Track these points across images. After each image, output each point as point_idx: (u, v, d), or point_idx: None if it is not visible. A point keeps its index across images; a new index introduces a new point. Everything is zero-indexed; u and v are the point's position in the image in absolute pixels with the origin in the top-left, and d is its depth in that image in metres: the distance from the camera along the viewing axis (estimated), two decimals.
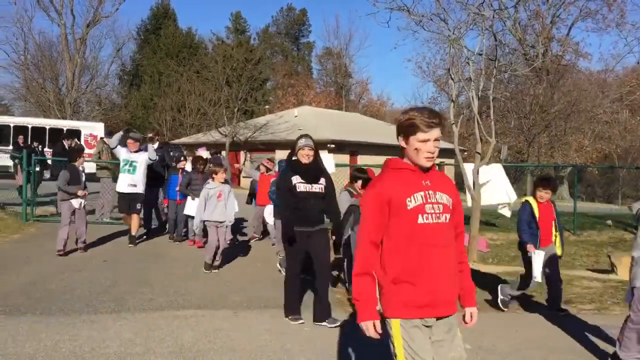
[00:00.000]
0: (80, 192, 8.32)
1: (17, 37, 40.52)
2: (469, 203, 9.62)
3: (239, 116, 33.27)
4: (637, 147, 35.38)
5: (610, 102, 29.86)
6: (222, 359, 4.52)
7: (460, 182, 12.10)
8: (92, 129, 26.22)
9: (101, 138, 13.66)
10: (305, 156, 5.47)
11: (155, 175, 10.08)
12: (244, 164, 25.60)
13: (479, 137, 9.66)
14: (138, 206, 9.18)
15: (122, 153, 9.28)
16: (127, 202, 9.22)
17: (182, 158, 10.22)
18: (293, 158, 5.56)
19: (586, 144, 30.59)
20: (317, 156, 5.54)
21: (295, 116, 33.99)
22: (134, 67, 50.50)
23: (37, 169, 12.64)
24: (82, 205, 8.41)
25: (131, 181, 9.06)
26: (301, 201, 5.39)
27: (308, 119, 33.26)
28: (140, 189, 9.19)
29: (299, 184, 5.42)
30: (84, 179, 8.56)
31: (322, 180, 5.58)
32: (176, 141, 31.61)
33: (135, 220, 9.25)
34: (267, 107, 42.76)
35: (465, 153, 28.15)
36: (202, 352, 4.62)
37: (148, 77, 46.17)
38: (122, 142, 9.36)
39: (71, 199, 8.30)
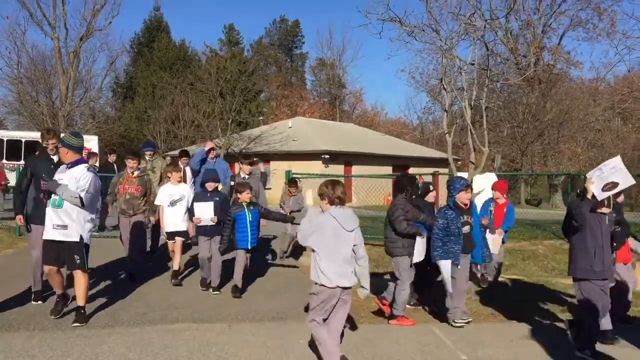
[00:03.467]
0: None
1: (10, 50, 40.24)
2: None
3: (233, 128, 33.26)
4: (629, 154, 35.55)
5: (602, 110, 30.06)
6: None
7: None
8: (86, 142, 26.08)
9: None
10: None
11: None
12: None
13: (472, 147, 9.70)
14: (77, 260, 5.63)
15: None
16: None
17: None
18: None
19: (579, 152, 30.75)
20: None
21: (290, 127, 34.03)
22: (127, 80, 50.46)
23: None
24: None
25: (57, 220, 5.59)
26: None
27: (302, 130, 33.30)
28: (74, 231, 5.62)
29: None
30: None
31: None
32: (170, 153, 31.59)
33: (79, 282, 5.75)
34: (261, 118, 42.78)
35: (459, 162, 28.24)
36: None
37: (142, 90, 46.14)
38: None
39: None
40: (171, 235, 7.83)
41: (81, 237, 5.61)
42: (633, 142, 33.03)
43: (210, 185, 7.37)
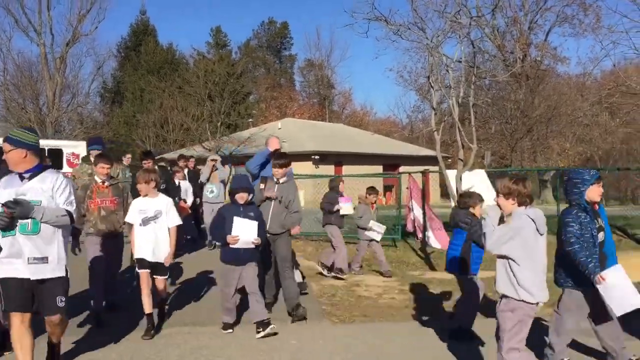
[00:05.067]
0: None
1: None
2: None
3: (222, 130, 33.22)
4: (618, 148, 35.81)
5: (589, 105, 30.22)
6: None
7: (445, 189, 12.12)
8: (74, 147, 25.94)
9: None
10: None
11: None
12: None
13: (461, 144, 9.73)
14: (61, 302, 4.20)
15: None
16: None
17: None
18: None
19: (568, 147, 30.91)
20: None
21: (279, 128, 34.00)
22: (115, 84, 50.23)
23: None
24: None
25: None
26: None
27: (292, 131, 33.28)
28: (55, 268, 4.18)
29: None
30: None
31: None
32: (160, 156, 31.47)
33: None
34: (250, 120, 42.73)
35: (449, 160, 28.33)
36: None
37: (130, 94, 45.96)
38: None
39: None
40: (143, 264, 5.68)
41: (66, 270, 4.15)
42: (621, 136, 33.23)
43: (241, 197, 5.69)
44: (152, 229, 5.65)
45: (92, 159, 6.92)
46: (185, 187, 10.38)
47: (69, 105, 40.66)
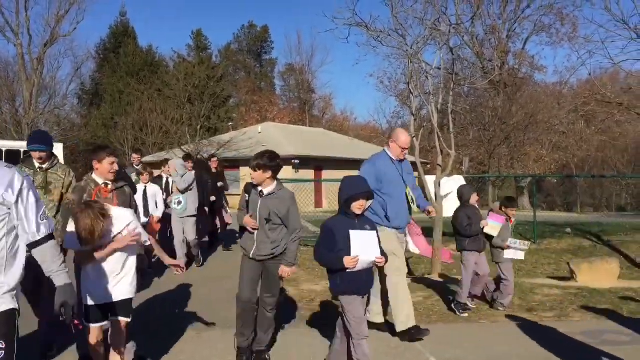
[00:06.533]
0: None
1: None
2: (432, 214, 9.72)
3: (202, 134, 33.08)
4: (593, 156, 36.42)
5: (566, 113, 30.73)
6: None
7: (423, 194, 12.17)
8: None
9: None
10: None
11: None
12: None
13: (440, 150, 9.80)
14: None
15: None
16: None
17: None
18: None
19: (544, 154, 31.37)
20: None
21: (259, 132, 33.97)
22: (93, 86, 49.74)
23: None
24: None
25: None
26: None
27: (272, 135, 33.26)
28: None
29: None
30: None
31: None
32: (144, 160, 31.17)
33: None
34: (230, 124, 42.62)
35: (428, 166, 28.53)
36: None
37: (108, 96, 45.54)
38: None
39: None
40: (96, 311, 3.97)
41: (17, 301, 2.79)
42: (596, 144, 33.83)
43: (361, 206, 4.16)
44: (118, 258, 3.97)
45: (35, 162, 5.05)
46: (153, 192, 9.00)
47: (46, 107, 40.18)
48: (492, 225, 6.98)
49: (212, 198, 10.58)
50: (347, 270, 4.05)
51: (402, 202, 5.77)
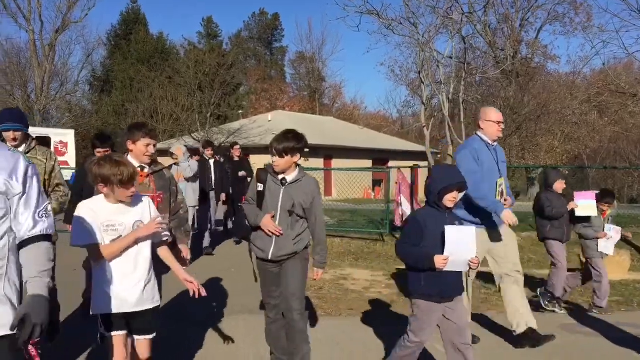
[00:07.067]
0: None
1: None
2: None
3: (212, 121, 33.08)
4: (605, 147, 36.10)
5: (579, 104, 30.43)
6: None
7: None
8: (62, 136, 25.79)
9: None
10: None
11: None
12: None
13: (450, 140, 9.76)
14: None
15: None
16: None
17: None
18: None
19: (556, 145, 31.12)
20: None
21: (269, 121, 33.92)
22: (104, 73, 49.82)
23: None
24: None
25: None
26: None
27: (282, 124, 33.12)
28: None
29: None
30: None
31: None
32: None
33: None
34: (240, 112, 42.59)
35: (438, 155, 28.41)
36: None
37: (119, 83, 45.62)
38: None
39: None
40: (120, 321, 3.23)
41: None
42: (609, 135, 33.50)
43: (453, 198, 3.72)
44: (130, 256, 3.23)
45: (8, 144, 4.14)
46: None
47: (58, 93, 40.32)
48: (584, 206, 6.07)
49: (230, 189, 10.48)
50: (436, 271, 3.60)
51: (495, 194, 5.00)
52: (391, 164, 26.66)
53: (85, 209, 3.16)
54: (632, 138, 36.21)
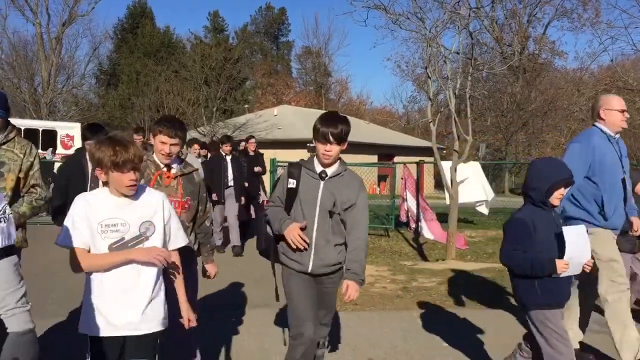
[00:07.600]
0: None
1: None
2: (447, 201, 9.71)
3: (218, 116, 33.12)
4: None
5: (586, 100, 30.32)
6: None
7: (439, 180, 12.13)
8: (68, 129, 25.87)
9: None
10: None
11: None
12: None
13: (457, 135, 9.71)
14: None
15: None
16: None
17: None
18: None
19: (563, 141, 31.04)
20: None
21: (275, 115, 33.94)
22: (111, 66, 49.94)
23: None
24: None
25: None
26: None
27: (288, 118, 33.22)
28: None
29: None
30: None
31: None
32: None
33: None
34: (246, 106, 42.63)
35: (444, 151, 28.39)
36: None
37: (125, 77, 45.72)
38: None
39: None
40: (114, 348, 2.66)
41: None
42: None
43: (561, 195, 3.38)
44: (133, 265, 2.65)
45: None
46: None
47: (64, 87, 40.44)
48: None
49: (245, 184, 10.13)
50: (551, 277, 3.24)
51: (620, 193, 4.32)
52: (397, 159, 26.62)
53: (82, 202, 2.63)
54: (639, 135, 36.02)
